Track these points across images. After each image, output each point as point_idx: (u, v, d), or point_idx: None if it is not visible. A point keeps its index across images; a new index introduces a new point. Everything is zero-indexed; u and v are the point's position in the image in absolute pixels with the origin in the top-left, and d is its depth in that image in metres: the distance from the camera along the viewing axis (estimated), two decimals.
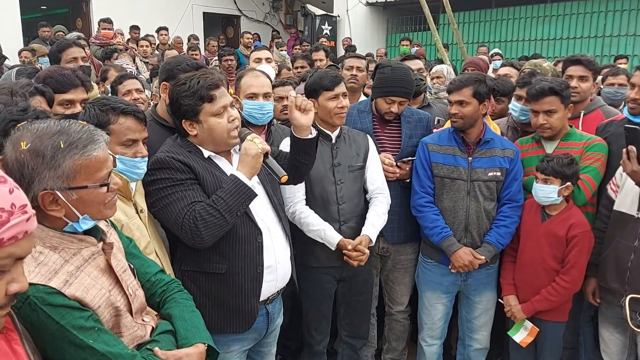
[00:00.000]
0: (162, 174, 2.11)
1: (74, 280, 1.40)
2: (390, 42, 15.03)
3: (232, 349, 2.31)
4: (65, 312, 1.34)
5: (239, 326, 2.25)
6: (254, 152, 2.11)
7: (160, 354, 1.54)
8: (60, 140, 1.39)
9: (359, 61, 4.31)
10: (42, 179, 1.37)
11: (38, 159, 1.36)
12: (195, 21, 13.57)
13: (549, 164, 2.84)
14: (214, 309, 2.21)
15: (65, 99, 2.54)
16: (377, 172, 2.99)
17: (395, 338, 3.47)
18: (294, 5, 15.89)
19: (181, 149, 2.19)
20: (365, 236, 2.81)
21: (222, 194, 2.07)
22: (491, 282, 3.15)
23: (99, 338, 1.39)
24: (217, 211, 2.04)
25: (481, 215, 2.99)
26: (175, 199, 2.08)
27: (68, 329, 1.33)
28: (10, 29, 10.02)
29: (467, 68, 4.99)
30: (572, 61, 3.50)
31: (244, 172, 2.11)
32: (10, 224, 0.96)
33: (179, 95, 2.16)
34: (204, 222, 2.03)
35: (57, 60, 3.70)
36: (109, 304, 1.49)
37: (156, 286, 1.79)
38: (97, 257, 1.52)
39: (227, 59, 6.82)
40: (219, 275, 2.20)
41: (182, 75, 2.52)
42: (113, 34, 8.61)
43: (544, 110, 2.97)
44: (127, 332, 1.55)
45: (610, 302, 2.86)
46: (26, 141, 1.36)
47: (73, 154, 1.39)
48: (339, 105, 2.85)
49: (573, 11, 12.17)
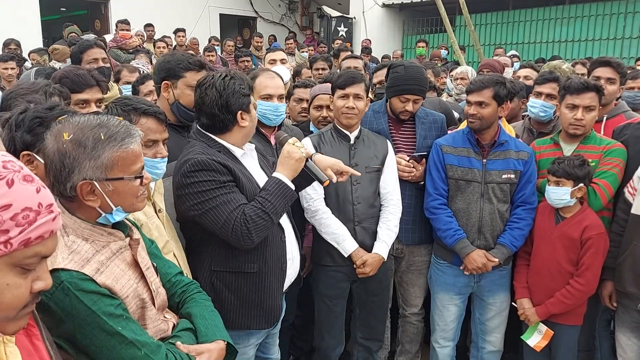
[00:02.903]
0: (204, 176, 2.10)
1: (105, 269, 1.45)
2: (406, 43, 15.00)
3: (250, 342, 2.36)
4: (96, 299, 1.38)
5: (265, 323, 2.32)
6: (297, 156, 2.19)
7: (183, 347, 1.58)
8: (101, 132, 1.45)
9: (355, 61, 4.31)
10: (82, 169, 1.42)
11: (80, 149, 1.42)
12: (211, 22, 13.66)
13: (560, 166, 2.82)
14: (242, 307, 2.26)
15: (81, 99, 2.56)
16: (391, 178, 3.00)
17: (409, 340, 3.46)
18: (310, 7, 15.93)
19: (213, 150, 2.20)
20: (377, 255, 2.88)
21: (268, 195, 2.13)
22: (504, 283, 3.14)
23: (127, 326, 1.42)
24: (266, 213, 2.10)
25: (495, 217, 2.98)
26: (223, 202, 2.10)
27: (99, 314, 1.37)
28: (31, 31, 10.19)
29: (482, 70, 4.96)
30: (600, 62, 3.45)
31: (286, 174, 2.18)
32: (37, 224, 0.97)
33: (236, 87, 2.20)
34: (254, 225, 2.08)
35: (79, 60, 3.75)
36: (136, 294, 1.53)
37: (176, 287, 1.83)
38: (124, 251, 1.56)
39: (243, 60, 7.21)
40: (250, 275, 2.25)
41: (188, 73, 2.56)
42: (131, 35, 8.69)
43: (585, 105, 2.92)
44: (152, 324, 1.59)
45: (627, 306, 2.83)
46: (68, 132, 1.42)
47: (112, 145, 1.45)
48: (346, 105, 2.87)
49: (592, 13, 12.04)
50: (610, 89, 3.31)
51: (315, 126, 3.41)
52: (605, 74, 3.36)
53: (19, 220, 0.95)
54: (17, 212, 0.94)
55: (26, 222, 0.95)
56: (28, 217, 0.96)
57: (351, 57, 5.02)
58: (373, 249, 2.90)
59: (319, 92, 3.40)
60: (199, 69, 2.61)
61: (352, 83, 2.88)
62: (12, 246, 0.95)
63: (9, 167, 0.96)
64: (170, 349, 1.53)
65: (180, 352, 1.55)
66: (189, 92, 2.55)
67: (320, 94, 3.36)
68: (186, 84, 2.59)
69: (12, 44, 7.80)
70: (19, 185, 0.96)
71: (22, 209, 0.95)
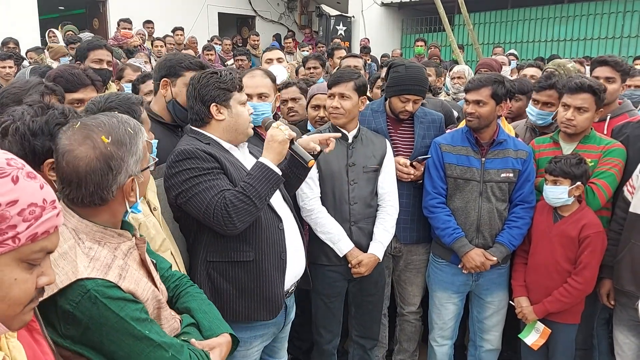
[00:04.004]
0: (188, 164, 2.13)
1: (126, 274, 1.44)
2: (405, 42, 15.00)
3: (253, 345, 2.34)
4: (123, 305, 1.37)
5: (266, 314, 2.28)
6: (280, 139, 2.17)
7: (197, 344, 1.58)
8: (128, 127, 1.46)
9: (355, 60, 4.31)
10: (128, 167, 1.45)
11: (122, 148, 1.43)
12: (210, 21, 13.67)
13: (557, 165, 2.82)
14: (241, 297, 2.25)
15: (75, 98, 2.53)
16: (388, 178, 3.00)
17: (407, 339, 3.47)
18: (309, 6, 15.93)
19: (200, 142, 2.23)
20: (372, 256, 2.87)
21: (251, 180, 2.11)
22: (503, 282, 3.14)
23: (153, 329, 1.43)
24: (248, 197, 2.08)
25: (493, 216, 2.98)
26: (205, 188, 2.11)
27: (127, 320, 1.37)
28: (29, 29, 10.17)
29: (479, 69, 4.96)
30: (599, 62, 3.44)
31: (271, 159, 2.16)
32: (43, 219, 0.99)
33: (211, 81, 2.25)
34: (235, 209, 2.06)
35: (84, 57, 3.72)
36: (153, 296, 1.53)
37: (169, 281, 1.82)
38: (133, 251, 1.56)
39: (239, 59, 7.25)
40: (247, 263, 2.24)
41: (188, 73, 2.56)
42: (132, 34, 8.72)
43: (576, 106, 2.93)
44: (167, 323, 1.59)
45: (625, 304, 2.83)
46: (105, 135, 1.41)
47: (140, 137, 1.49)
48: (331, 105, 2.89)
49: (590, 12, 12.05)
50: (609, 88, 3.27)
51: (313, 125, 3.42)
52: (604, 73, 3.35)
53: (26, 215, 0.96)
54: (23, 208, 0.96)
55: (32, 217, 0.97)
56: (34, 213, 0.98)
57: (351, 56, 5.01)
58: (369, 249, 2.90)
59: (317, 91, 3.40)
60: (200, 70, 2.59)
61: (338, 83, 2.88)
62: (20, 241, 0.96)
63: (12, 164, 0.98)
64: (190, 348, 1.53)
65: (197, 349, 1.55)
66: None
67: (318, 94, 3.37)
68: (185, 83, 2.57)
69: (11, 43, 7.79)
70: (24, 181, 0.98)
71: (29, 204, 0.97)
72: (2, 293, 0.97)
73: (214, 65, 8.00)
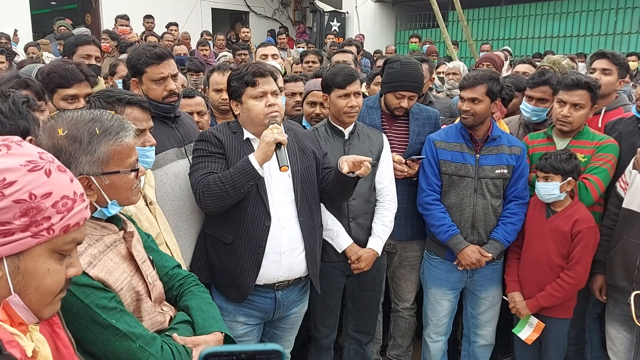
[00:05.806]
0: (200, 145, 2.44)
1: (97, 262, 1.44)
2: (399, 39, 15.01)
3: (238, 319, 2.53)
4: (89, 292, 1.38)
5: (236, 296, 2.48)
6: (267, 140, 2.26)
7: (179, 339, 1.58)
8: (95, 127, 1.45)
9: (345, 55, 4.28)
10: (79, 164, 1.43)
11: (75, 145, 1.43)
12: (203, 17, 13.59)
13: (548, 162, 2.84)
14: (222, 272, 2.50)
15: (69, 94, 2.50)
16: (386, 172, 2.99)
17: (401, 334, 3.48)
18: (303, 1, 15.87)
19: (226, 129, 2.49)
20: (371, 251, 2.88)
21: (232, 170, 2.31)
22: (497, 277, 3.16)
23: (121, 319, 1.42)
24: (223, 184, 2.29)
25: (488, 212, 2.99)
26: (199, 167, 2.39)
27: (92, 307, 1.37)
28: (21, 25, 10.09)
29: (482, 63, 4.84)
30: (597, 55, 3.48)
31: (256, 156, 2.29)
32: (75, 211, 1.03)
33: (231, 78, 2.48)
34: (208, 190, 2.30)
35: (72, 52, 3.68)
36: (130, 287, 1.53)
37: (173, 280, 1.83)
38: (119, 244, 1.56)
39: (240, 53, 7.29)
40: (226, 245, 2.45)
41: (148, 68, 2.49)
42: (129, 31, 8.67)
43: (573, 103, 2.94)
44: (148, 316, 1.59)
45: (617, 299, 2.85)
46: (63, 128, 1.42)
47: (107, 140, 1.47)
48: (349, 105, 2.83)
49: (584, 8, 12.10)
50: (605, 79, 3.31)
51: (308, 122, 3.40)
52: (601, 65, 3.38)
53: (59, 207, 1.00)
54: (57, 200, 0.99)
55: (65, 209, 1.01)
56: (67, 205, 1.01)
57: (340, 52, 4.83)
58: (368, 244, 2.89)
59: (314, 87, 3.36)
60: (159, 61, 2.50)
61: (352, 81, 2.84)
62: (54, 232, 0.99)
63: (44, 157, 1.01)
64: (166, 341, 1.52)
65: (177, 343, 1.55)
66: (155, 87, 2.50)
67: (315, 90, 3.33)
68: (150, 79, 2.51)
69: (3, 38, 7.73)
70: (56, 174, 1.01)
71: (61, 196, 1.00)
72: (36, 283, 1.00)
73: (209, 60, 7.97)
